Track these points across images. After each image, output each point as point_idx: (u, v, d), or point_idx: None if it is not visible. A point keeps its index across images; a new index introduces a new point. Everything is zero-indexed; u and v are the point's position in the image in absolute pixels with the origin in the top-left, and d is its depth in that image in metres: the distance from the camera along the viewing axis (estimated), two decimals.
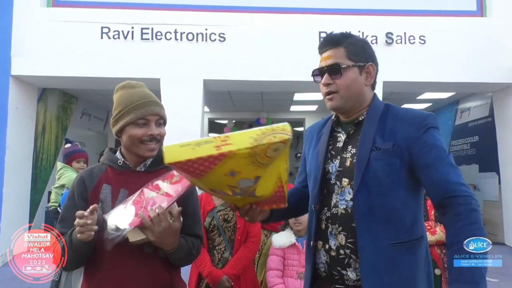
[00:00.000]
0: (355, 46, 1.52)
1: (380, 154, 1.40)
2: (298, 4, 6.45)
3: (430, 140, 1.39)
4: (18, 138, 6.13)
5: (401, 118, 1.45)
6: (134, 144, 1.55)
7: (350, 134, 1.54)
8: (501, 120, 6.97)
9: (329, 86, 1.51)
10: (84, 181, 1.55)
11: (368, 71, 1.54)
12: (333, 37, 1.52)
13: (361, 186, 1.40)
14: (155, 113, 1.58)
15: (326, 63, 1.51)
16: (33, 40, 5.98)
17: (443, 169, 1.35)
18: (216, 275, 2.55)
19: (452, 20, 6.48)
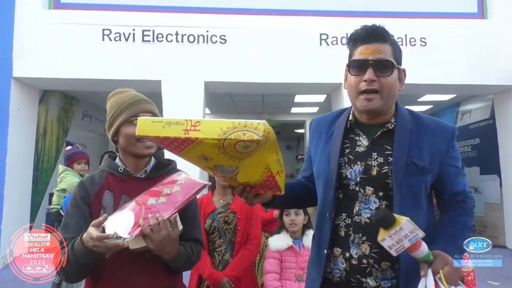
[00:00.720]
0: (397, 47, 1.45)
1: (416, 170, 1.39)
2: (299, 7, 6.45)
3: (455, 154, 1.48)
4: (19, 140, 6.13)
5: (433, 131, 1.45)
6: (131, 143, 1.54)
7: (374, 140, 1.47)
8: (502, 122, 6.96)
9: (372, 84, 1.37)
10: (86, 187, 1.55)
11: (401, 77, 1.49)
12: (379, 30, 1.41)
13: (395, 201, 1.38)
14: (147, 109, 1.58)
15: (374, 57, 1.37)
16: (35, 42, 5.99)
17: (461, 181, 1.48)
18: (216, 277, 2.55)
19: (453, 22, 6.48)
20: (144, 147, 1.55)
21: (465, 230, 1.42)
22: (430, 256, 1.23)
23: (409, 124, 1.45)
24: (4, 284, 4.56)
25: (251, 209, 2.77)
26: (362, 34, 1.42)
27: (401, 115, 1.47)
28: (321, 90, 7.17)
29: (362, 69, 1.38)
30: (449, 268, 1.21)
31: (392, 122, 1.46)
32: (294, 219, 2.77)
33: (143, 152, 1.56)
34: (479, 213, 7.93)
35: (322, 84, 6.40)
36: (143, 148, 1.55)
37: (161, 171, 1.59)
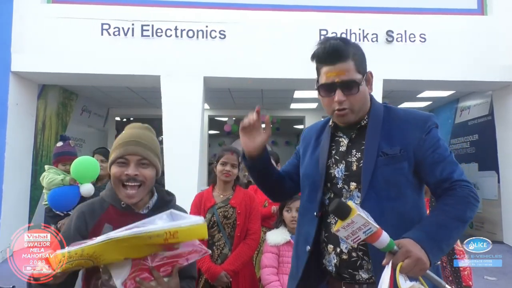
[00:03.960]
0: (359, 56, 1.48)
1: (388, 159, 1.43)
2: (298, 2, 6.44)
3: (434, 141, 1.45)
4: (18, 135, 6.13)
5: (404, 121, 1.49)
6: (116, 186, 1.50)
7: (353, 138, 1.54)
8: (501, 118, 6.98)
9: (342, 103, 1.45)
10: (85, 217, 1.50)
11: (368, 80, 1.53)
12: (341, 49, 1.43)
13: (370, 191, 1.42)
14: (134, 152, 1.49)
15: (339, 79, 1.43)
16: (33, 36, 5.97)
17: (448, 168, 1.42)
18: (214, 271, 2.58)
19: (453, 18, 6.47)
20: (125, 196, 1.49)
21: (451, 220, 1.33)
22: (393, 246, 1.20)
23: (381, 118, 1.51)
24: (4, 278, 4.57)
25: (250, 204, 2.78)
26: (323, 55, 1.46)
27: (374, 111, 1.54)
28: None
29: (331, 91, 1.46)
30: (409, 261, 1.18)
31: (366, 119, 1.53)
32: (295, 216, 2.78)
33: (125, 201, 1.50)
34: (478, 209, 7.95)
35: None
36: (124, 196, 1.49)
37: (163, 208, 1.49)
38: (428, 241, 1.24)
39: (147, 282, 1.30)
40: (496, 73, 6.41)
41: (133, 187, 1.48)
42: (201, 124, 6.22)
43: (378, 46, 6.33)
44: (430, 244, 1.24)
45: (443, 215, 1.34)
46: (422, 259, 1.19)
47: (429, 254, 1.22)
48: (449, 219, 1.33)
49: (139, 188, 1.49)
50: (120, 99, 9.39)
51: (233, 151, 2.81)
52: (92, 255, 1.21)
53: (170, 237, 1.23)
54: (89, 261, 1.22)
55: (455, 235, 1.35)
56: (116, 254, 1.25)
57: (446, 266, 2.90)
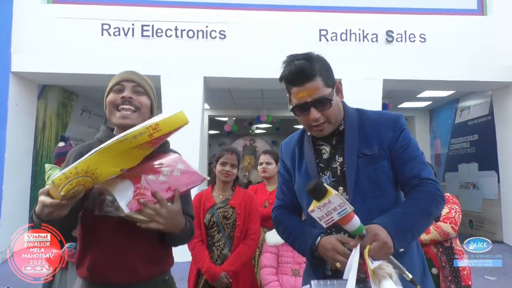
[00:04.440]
0: (325, 70, 1.51)
1: (368, 160, 1.51)
2: (298, 2, 6.44)
3: (405, 141, 1.54)
4: (18, 135, 6.13)
5: (377, 122, 1.57)
6: (111, 112, 1.53)
7: (334, 144, 1.59)
8: (501, 118, 6.98)
9: (318, 119, 1.49)
10: (82, 155, 1.51)
11: (338, 89, 1.57)
12: (306, 69, 1.45)
13: (356, 191, 1.49)
14: (130, 78, 1.56)
15: (311, 98, 1.46)
16: (33, 36, 5.98)
17: (417, 166, 1.51)
18: (214, 271, 2.57)
19: (453, 18, 6.48)
20: (120, 116, 1.51)
21: (416, 211, 1.40)
22: (362, 230, 1.26)
23: (356, 121, 1.58)
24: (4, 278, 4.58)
25: (250, 205, 2.78)
26: (291, 77, 1.49)
27: (349, 116, 1.59)
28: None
29: (305, 110, 1.50)
30: (376, 244, 1.24)
31: (342, 124, 1.59)
32: None
33: (119, 122, 1.51)
34: (477, 208, 7.97)
35: None
36: (118, 118, 1.51)
37: (159, 148, 1.51)
38: (394, 227, 1.32)
39: (151, 204, 1.33)
40: (496, 73, 6.41)
41: (128, 109, 1.50)
42: (201, 124, 6.22)
43: (378, 46, 6.34)
44: (396, 229, 1.31)
45: (409, 207, 1.43)
46: (388, 243, 1.26)
47: (394, 239, 1.28)
48: (415, 210, 1.41)
49: (133, 112, 1.51)
50: None
51: (232, 151, 2.80)
52: (88, 171, 1.21)
53: (154, 131, 1.26)
54: (87, 178, 1.22)
55: (419, 225, 1.43)
56: (111, 166, 1.27)
57: (445, 266, 2.90)
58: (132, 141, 1.25)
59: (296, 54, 1.53)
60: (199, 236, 2.67)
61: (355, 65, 6.24)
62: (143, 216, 1.34)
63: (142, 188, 1.34)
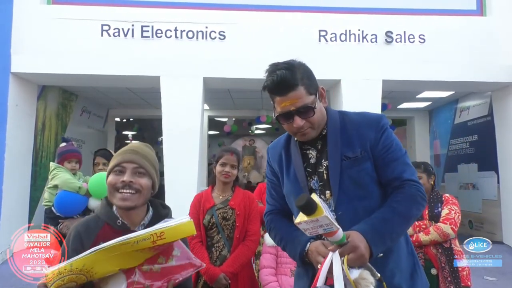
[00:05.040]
0: (307, 78, 1.52)
1: (351, 162, 1.52)
2: (298, 3, 6.44)
3: (387, 142, 1.55)
4: (18, 136, 6.13)
5: (358, 123, 1.58)
6: (111, 193, 1.50)
7: (319, 149, 1.60)
8: (500, 119, 6.98)
9: (303, 127, 1.51)
10: (81, 237, 1.48)
11: (321, 95, 1.59)
12: (288, 78, 1.46)
13: (341, 194, 1.50)
14: (130, 160, 1.52)
15: (294, 107, 1.48)
16: (33, 37, 5.98)
17: (399, 167, 1.52)
18: (213, 273, 2.57)
19: (452, 19, 6.48)
20: (119, 199, 1.48)
21: (395, 216, 1.43)
22: (343, 240, 1.31)
23: (338, 124, 1.59)
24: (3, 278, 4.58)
25: (250, 206, 2.78)
26: (273, 87, 1.49)
27: (331, 119, 1.61)
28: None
29: (289, 118, 1.52)
30: (353, 255, 1.29)
31: (325, 128, 1.60)
32: None
33: (119, 204, 1.49)
34: (477, 209, 7.97)
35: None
36: (118, 200, 1.49)
37: None
38: (373, 234, 1.35)
39: None
40: (495, 74, 6.41)
41: (128, 192, 1.48)
42: (200, 125, 6.22)
43: (377, 46, 6.34)
44: (374, 237, 1.34)
45: (389, 211, 1.44)
46: (364, 256, 1.30)
47: (372, 246, 1.32)
48: (394, 215, 1.43)
49: (133, 194, 1.48)
50: (120, 100, 9.39)
51: (232, 152, 2.80)
52: (83, 269, 1.21)
53: (158, 239, 1.24)
54: (81, 276, 1.22)
55: (399, 230, 1.46)
56: (108, 266, 1.25)
57: (444, 266, 2.90)
58: (134, 245, 1.24)
59: (278, 63, 1.55)
60: (198, 237, 2.67)
61: (355, 66, 6.25)
62: None
63: (135, 283, 1.31)
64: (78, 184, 3.53)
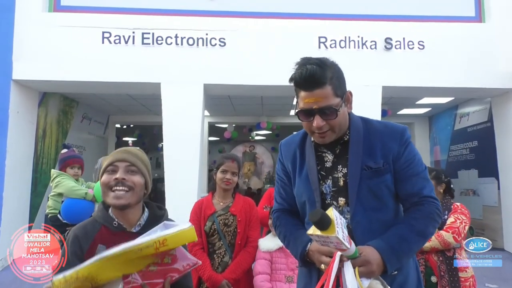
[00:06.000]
0: (337, 79, 1.47)
1: (372, 173, 1.48)
2: (298, 10, 6.48)
3: (410, 156, 1.52)
4: (19, 142, 6.13)
5: (382, 133, 1.54)
6: (105, 193, 1.53)
7: (337, 153, 1.56)
8: (500, 125, 6.98)
9: (322, 128, 1.46)
10: (79, 241, 1.51)
11: (348, 99, 1.54)
12: (317, 75, 1.42)
13: (357, 204, 1.47)
14: (122, 158, 1.55)
15: (317, 105, 1.43)
16: (35, 44, 6.00)
17: (419, 183, 1.50)
18: (216, 279, 2.57)
19: (451, 25, 6.51)
20: (113, 197, 1.51)
21: (413, 234, 1.40)
22: (356, 255, 1.29)
23: (361, 132, 1.55)
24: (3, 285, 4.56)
25: (250, 212, 2.78)
26: (300, 81, 1.46)
27: (354, 126, 1.56)
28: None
29: (310, 116, 1.47)
30: (364, 269, 1.28)
31: (348, 134, 1.56)
32: None
33: (112, 202, 1.51)
34: (478, 215, 7.95)
35: None
36: (112, 198, 1.51)
37: (155, 224, 1.50)
38: (389, 251, 1.32)
39: None
40: (495, 80, 6.42)
41: (121, 190, 1.51)
42: (201, 131, 6.23)
43: (377, 53, 6.36)
44: (390, 255, 1.32)
45: (407, 229, 1.41)
46: (374, 273, 1.29)
47: (388, 264, 1.30)
48: (412, 233, 1.40)
49: (126, 192, 1.51)
50: (121, 106, 9.42)
51: (233, 158, 2.80)
52: (88, 276, 1.23)
53: (160, 246, 1.27)
54: (87, 283, 1.24)
55: (414, 248, 1.44)
56: (112, 272, 1.27)
57: (444, 275, 2.86)
58: (137, 252, 1.26)
59: (310, 57, 1.50)
60: (199, 244, 2.67)
61: (354, 72, 6.24)
62: None
63: (132, 282, 1.32)
64: (84, 191, 3.54)
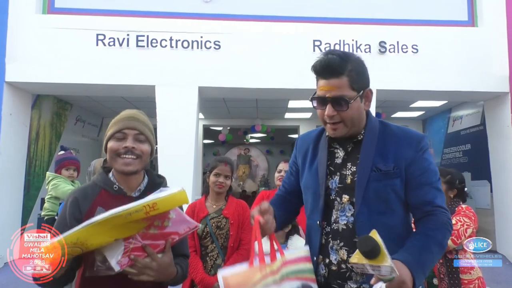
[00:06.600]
0: (356, 73, 1.48)
1: (381, 175, 1.46)
2: (292, 13, 6.51)
3: (425, 164, 1.48)
4: (12, 145, 6.10)
5: (399, 138, 1.52)
6: (112, 158, 1.54)
7: (349, 151, 1.56)
8: (493, 128, 7.05)
9: (333, 118, 1.48)
10: (78, 203, 1.51)
11: (367, 96, 1.54)
12: (335, 64, 1.44)
13: (363, 204, 1.45)
14: (133, 126, 1.56)
15: (330, 94, 1.45)
16: (28, 46, 5.98)
17: (432, 192, 1.46)
18: (208, 282, 2.57)
19: (444, 29, 6.57)
20: (122, 164, 1.52)
21: (434, 246, 1.37)
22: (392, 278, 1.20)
23: (377, 133, 1.54)
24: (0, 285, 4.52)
25: (243, 215, 2.78)
26: (319, 69, 1.48)
27: (370, 126, 1.55)
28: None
29: (323, 105, 1.49)
30: None
31: (362, 133, 1.55)
32: None
33: (122, 169, 1.52)
34: None
35: (315, 90, 6.43)
36: (121, 165, 1.52)
37: (154, 190, 1.50)
38: (416, 266, 1.28)
39: (141, 259, 1.34)
40: (487, 83, 6.49)
41: (130, 158, 1.53)
42: (195, 134, 6.23)
43: (371, 56, 6.40)
44: (418, 270, 1.28)
45: (427, 240, 1.38)
46: None
47: (416, 280, 1.26)
48: (433, 245, 1.37)
49: (135, 159, 1.53)
50: (115, 109, 9.34)
51: (226, 162, 2.80)
52: (77, 242, 1.22)
53: (151, 210, 1.26)
54: (76, 248, 1.23)
55: (435, 260, 1.42)
56: (103, 237, 1.26)
57: (444, 278, 2.84)
58: (127, 217, 1.24)
59: (336, 50, 1.52)
60: (192, 247, 2.67)
61: None
62: (134, 270, 1.34)
63: (132, 243, 1.33)
64: None
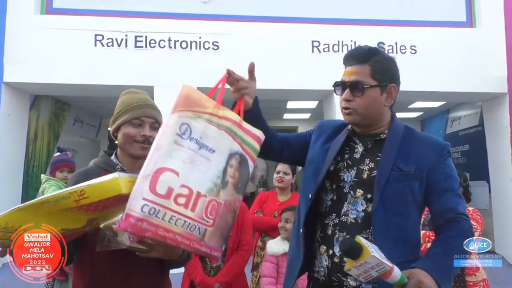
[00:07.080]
0: (381, 65, 1.50)
1: (401, 175, 1.46)
2: (291, 14, 6.51)
3: (448, 170, 1.50)
4: (10, 145, 6.08)
5: (424, 143, 1.54)
6: (128, 142, 1.58)
7: (368, 148, 1.57)
8: (491, 129, 7.06)
9: (349, 103, 1.51)
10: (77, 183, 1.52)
11: (389, 92, 1.55)
12: (361, 52, 1.51)
13: (380, 204, 1.44)
14: (151, 115, 1.62)
15: (349, 79, 1.50)
16: (26, 47, 5.96)
17: (454, 199, 1.47)
18: (208, 283, 2.57)
19: (442, 30, 6.58)
20: (140, 148, 1.57)
21: (455, 253, 1.36)
22: (404, 280, 1.20)
23: (401, 135, 1.55)
24: None
25: (242, 216, 2.78)
26: (346, 57, 1.56)
27: (394, 127, 1.58)
28: (313, 96, 7.22)
29: (342, 90, 1.53)
30: None
31: (385, 133, 1.56)
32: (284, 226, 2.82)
33: (138, 153, 1.57)
34: None
35: (314, 91, 6.45)
36: (138, 149, 1.57)
37: None
38: (438, 270, 1.26)
39: None
40: (486, 84, 6.50)
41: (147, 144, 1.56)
42: None
43: None
44: (440, 273, 1.25)
45: (449, 247, 1.38)
46: None
47: (440, 283, 1.23)
48: (455, 251, 1.36)
49: (149, 145, 1.52)
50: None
51: None
52: (7, 227, 1.19)
53: (80, 198, 1.16)
54: (8, 234, 1.19)
55: (458, 267, 1.39)
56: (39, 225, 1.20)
57: None
58: (56, 204, 1.18)
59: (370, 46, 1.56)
60: None
61: None
62: (144, 246, 1.34)
63: None
64: None
